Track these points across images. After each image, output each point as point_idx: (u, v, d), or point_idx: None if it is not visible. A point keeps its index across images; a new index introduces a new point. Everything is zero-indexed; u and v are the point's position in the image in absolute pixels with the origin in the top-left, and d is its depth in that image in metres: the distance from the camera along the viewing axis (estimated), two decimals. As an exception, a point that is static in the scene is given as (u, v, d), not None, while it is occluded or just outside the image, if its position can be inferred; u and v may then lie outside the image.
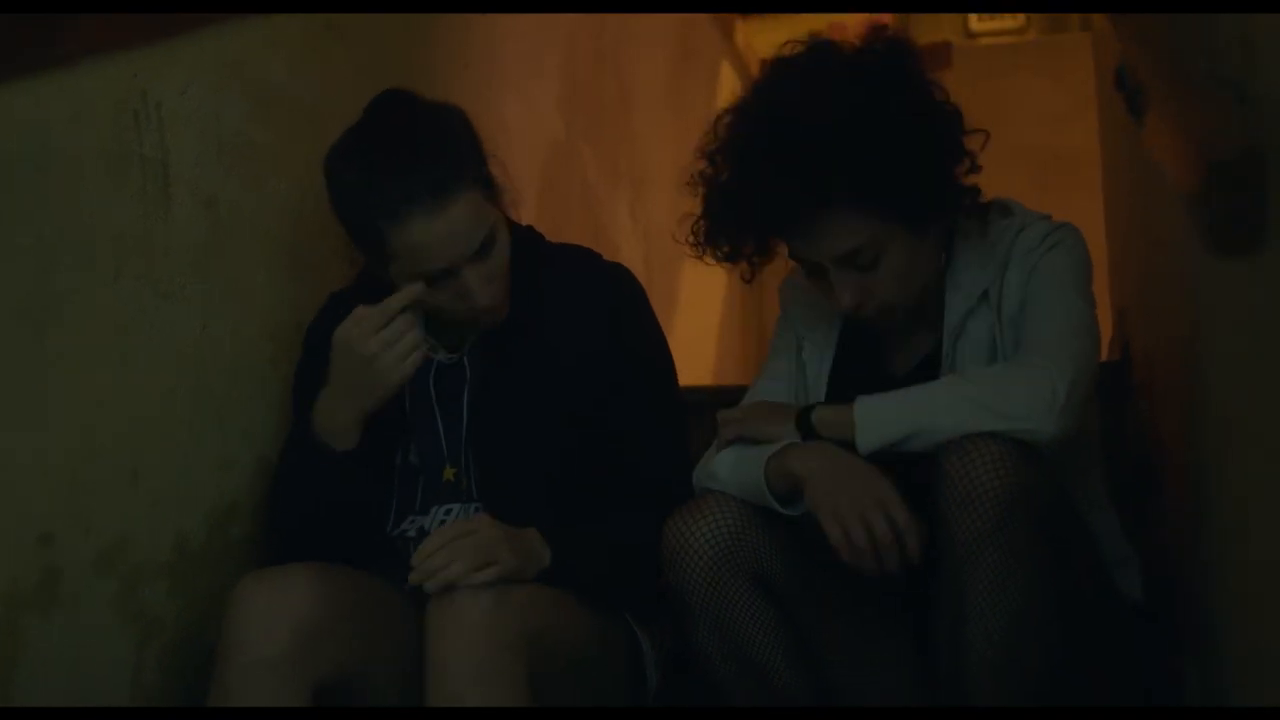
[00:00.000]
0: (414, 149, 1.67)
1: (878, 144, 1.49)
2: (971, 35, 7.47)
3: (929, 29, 7.62)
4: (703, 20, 4.45)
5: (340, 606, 1.57)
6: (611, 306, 1.80)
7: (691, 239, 1.64)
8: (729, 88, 4.71)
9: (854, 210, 1.52)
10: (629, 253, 3.48)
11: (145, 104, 1.63)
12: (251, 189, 1.84)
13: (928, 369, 1.62)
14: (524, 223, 1.87)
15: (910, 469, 1.50)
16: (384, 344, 1.63)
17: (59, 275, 1.52)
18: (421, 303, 1.71)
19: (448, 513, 1.77)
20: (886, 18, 8.57)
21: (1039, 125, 5.26)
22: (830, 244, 1.55)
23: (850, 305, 1.57)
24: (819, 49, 1.59)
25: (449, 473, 1.78)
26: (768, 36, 7.13)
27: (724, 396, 1.89)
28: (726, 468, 1.60)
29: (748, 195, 1.55)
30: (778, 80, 1.59)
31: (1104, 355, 2.75)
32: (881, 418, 1.49)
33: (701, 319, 4.26)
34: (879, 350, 1.70)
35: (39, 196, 1.49)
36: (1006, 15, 8.02)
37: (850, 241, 1.54)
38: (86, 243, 1.56)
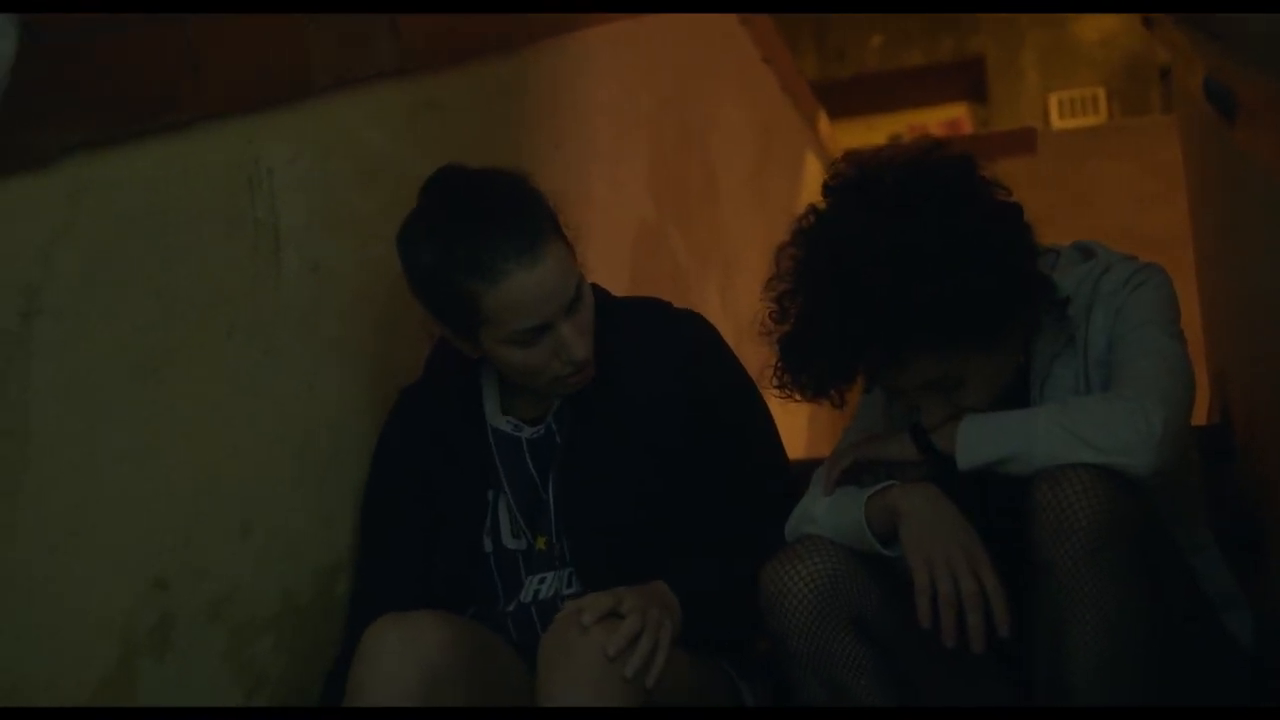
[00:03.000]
0: (495, 209, 1.65)
1: (949, 286, 1.45)
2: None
3: (1011, 121, 7.68)
4: (787, 109, 4.53)
5: (463, 655, 1.59)
6: (689, 353, 1.79)
7: (775, 384, 1.61)
8: (813, 175, 4.76)
9: (933, 350, 1.50)
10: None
11: (258, 169, 1.71)
12: (354, 254, 1.90)
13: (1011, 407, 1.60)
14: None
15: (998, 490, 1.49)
16: None
17: (175, 330, 1.58)
18: (509, 378, 1.74)
19: (541, 581, 1.77)
20: (962, 112, 8.65)
21: (1125, 207, 5.25)
22: (910, 378, 1.53)
23: (938, 423, 1.56)
24: (872, 186, 1.52)
25: (540, 542, 1.77)
26: (852, 131, 7.24)
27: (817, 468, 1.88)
28: (824, 510, 1.60)
29: (821, 350, 1.53)
30: (838, 221, 1.53)
31: (1204, 418, 2.71)
32: (983, 437, 1.50)
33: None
34: None
35: (158, 253, 1.56)
36: (1090, 113, 8.07)
37: (931, 375, 1.52)
38: (202, 300, 1.63)
